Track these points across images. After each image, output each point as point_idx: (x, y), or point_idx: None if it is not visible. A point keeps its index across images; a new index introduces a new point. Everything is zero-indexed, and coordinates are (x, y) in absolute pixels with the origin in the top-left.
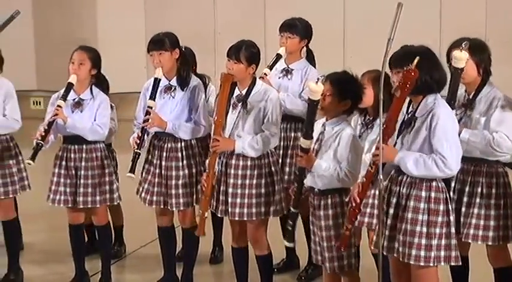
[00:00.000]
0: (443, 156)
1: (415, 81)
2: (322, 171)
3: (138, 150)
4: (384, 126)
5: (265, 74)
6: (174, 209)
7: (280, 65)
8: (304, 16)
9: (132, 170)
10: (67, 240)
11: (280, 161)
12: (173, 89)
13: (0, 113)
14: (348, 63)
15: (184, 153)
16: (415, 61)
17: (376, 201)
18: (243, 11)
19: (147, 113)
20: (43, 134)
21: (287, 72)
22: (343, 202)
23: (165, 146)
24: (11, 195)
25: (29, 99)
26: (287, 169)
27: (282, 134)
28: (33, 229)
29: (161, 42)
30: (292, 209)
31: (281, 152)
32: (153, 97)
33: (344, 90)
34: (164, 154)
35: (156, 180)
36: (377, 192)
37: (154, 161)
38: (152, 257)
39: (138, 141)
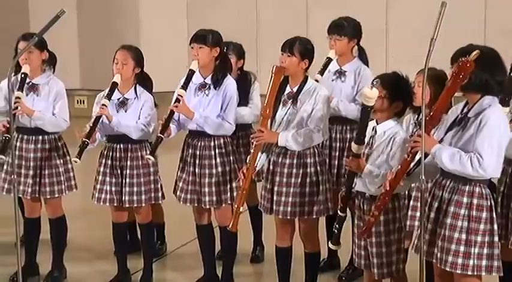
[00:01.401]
0: (481, 156)
1: (471, 75)
2: (373, 177)
3: (161, 135)
4: (430, 115)
5: (316, 80)
6: (207, 206)
7: (333, 66)
8: (346, 14)
9: (152, 153)
10: (110, 238)
11: (336, 163)
12: (207, 87)
13: (50, 112)
14: (390, 63)
15: (217, 151)
16: (474, 53)
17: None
18: (285, 10)
19: (177, 100)
20: (88, 132)
21: (340, 74)
22: (395, 208)
23: (199, 144)
24: (56, 195)
25: (73, 98)
26: (342, 171)
27: (338, 136)
28: (76, 227)
29: (204, 37)
30: (339, 212)
31: (337, 153)
32: (184, 87)
33: (396, 92)
34: (198, 152)
35: (190, 178)
36: (419, 194)
37: (188, 160)
38: (193, 255)
39: (161, 127)
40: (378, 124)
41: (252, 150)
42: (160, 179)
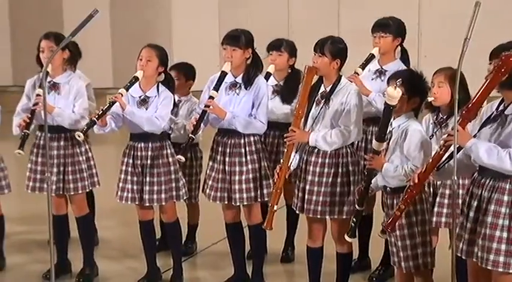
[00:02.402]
0: None
1: (511, 72)
2: (392, 174)
3: (193, 135)
4: (466, 109)
5: (356, 73)
6: (237, 203)
7: (374, 66)
8: (379, 15)
9: (184, 154)
10: (139, 236)
11: (362, 163)
12: (238, 86)
13: (70, 110)
14: (422, 63)
15: (247, 148)
16: None
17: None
18: (317, 9)
19: (209, 102)
20: (100, 114)
21: (380, 73)
22: (415, 200)
23: (229, 142)
24: (80, 191)
25: (105, 97)
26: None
27: (367, 136)
28: (108, 225)
29: (237, 38)
30: (357, 206)
31: (361, 153)
32: (216, 88)
33: (413, 89)
34: (228, 150)
35: (220, 176)
36: (446, 191)
37: (218, 157)
38: (223, 254)
39: (193, 127)
40: (394, 119)
41: (285, 150)
42: (182, 178)
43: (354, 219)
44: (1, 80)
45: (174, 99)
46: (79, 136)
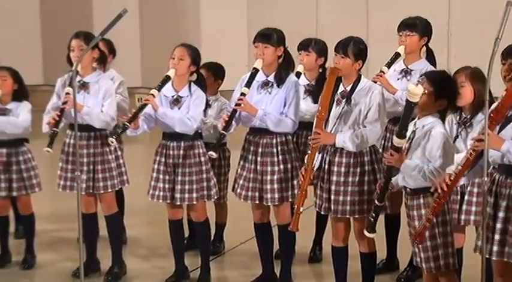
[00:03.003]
0: None
1: None
2: (411, 171)
3: (224, 132)
4: (495, 111)
5: (382, 72)
6: (269, 203)
7: (399, 65)
8: (408, 15)
9: (215, 150)
10: (168, 235)
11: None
12: (270, 85)
13: (99, 109)
14: (452, 63)
15: (279, 148)
16: None
17: (480, 199)
18: (345, 9)
19: (240, 98)
20: (132, 116)
21: (406, 72)
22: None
23: (261, 141)
24: (109, 190)
25: (133, 96)
26: None
27: (393, 136)
28: (137, 223)
29: (269, 36)
30: (376, 202)
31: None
32: (248, 85)
33: (442, 89)
34: (260, 150)
35: (252, 175)
36: (475, 190)
37: (250, 157)
38: (251, 254)
39: (225, 124)
40: (419, 119)
41: (308, 152)
42: (214, 178)
43: (374, 214)
44: (32, 79)
45: (207, 99)
46: (112, 142)
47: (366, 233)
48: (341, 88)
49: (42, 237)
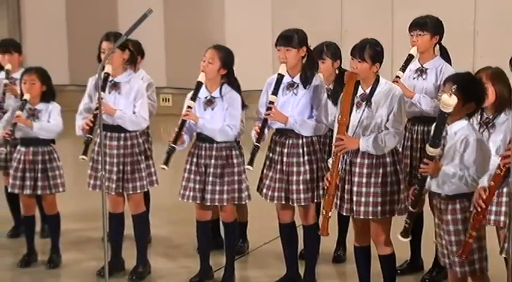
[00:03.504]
0: None
1: None
2: (450, 178)
3: (258, 144)
4: None
5: (398, 77)
6: (295, 204)
7: (414, 65)
8: (433, 14)
9: (251, 163)
10: (193, 234)
11: (408, 162)
12: (295, 86)
13: (130, 110)
14: (478, 63)
15: (305, 149)
16: None
17: (501, 200)
18: (370, 9)
19: (269, 108)
20: (175, 137)
21: (421, 72)
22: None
23: (287, 142)
24: (138, 191)
25: (159, 96)
26: (414, 171)
27: (419, 136)
28: (161, 223)
29: (290, 38)
30: (410, 208)
31: (417, 154)
32: (275, 92)
33: (469, 93)
34: (285, 150)
35: (278, 176)
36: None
37: (276, 157)
38: (275, 254)
39: (257, 136)
40: (448, 125)
41: (332, 157)
42: (246, 181)
43: (408, 220)
44: (58, 79)
45: (242, 100)
46: (164, 168)
47: (399, 237)
48: (360, 91)
49: (67, 236)
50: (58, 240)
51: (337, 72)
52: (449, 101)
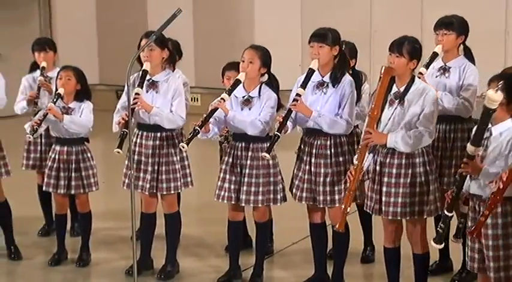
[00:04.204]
0: None
1: None
2: (491, 178)
3: (279, 133)
4: None
5: (420, 73)
6: (321, 205)
7: (438, 63)
8: (464, 14)
9: (268, 151)
10: (223, 234)
11: (439, 162)
12: (325, 85)
13: (168, 109)
14: (509, 63)
15: (333, 150)
16: None
17: None
18: (400, 9)
19: (295, 99)
20: (202, 121)
21: (444, 70)
22: (511, 211)
23: (315, 142)
24: (172, 192)
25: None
26: (446, 171)
27: (441, 135)
28: (190, 222)
29: (324, 35)
30: (446, 212)
31: (439, 153)
32: (303, 86)
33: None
34: (314, 151)
35: (306, 176)
36: None
37: (305, 158)
38: (303, 254)
39: (279, 124)
40: (492, 125)
41: (358, 151)
42: (282, 182)
43: (442, 225)
44: (89, 78)
45: (279, 100)
46: (183, 147)
47: (432, 244)
48: (394, 89)
49: (97, 235)
50: (88, 238)
51: (350, 71)
52: (495, 96)
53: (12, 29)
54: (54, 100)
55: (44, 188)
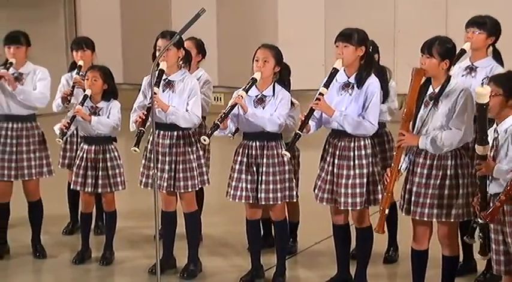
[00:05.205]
0: None
1: None
2: (505, 175)
3: (300, 132)
4: None
5: None
6: (342, 207)
7: (464, 62)
8: (490, 13)
9: (289, 150)
10: (244, 233)
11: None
12: (351, 86)
13: (184, 108)
14: None
15: (356, 153)
16: None
17: None
18: (424, 9)
19: (318, 99)
20: (222, 117)
21: (471, 69)
22: None
23: (339, 144)
24: (190, 190)
25: None
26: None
27: None
28: (212, 222)
29: (349, 35)
30: (480, 220)
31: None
32: (326, 85)
33: (511, 89)
34: (337, 152)
35: (328, 177)
36: None
37: (328, 159)
38: (326, 254)
39: (300, 124)
40: (497, 125)
41: (394, 153)
42: (294, 179)
43: (481, 234)
44: None
45: (291, 98)
46: (205, 140)
47: (478, 256)
48: (430, 90)
49: (120, 233)
50: (113, 237)
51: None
52: (483, 90)
53: (37, 28)
54: (82, 101)
55: (71, 187)
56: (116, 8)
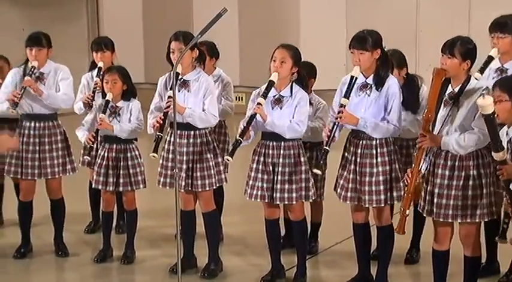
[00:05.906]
0: None
1: None
2: None
3: (327, 148)
4: None
5: (475, 78)
6: (367, 205)
7: (494, 64)
8: None
9: (318, 168)
10: (265, 233)
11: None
12: (369, 87)
13: (200, 108)
14: None
15: (378, 150)
16: None
17: None
18: (447, 10)
19: (340, 111)
20: (242, 130)
21: (502, 71)
22: None
23: (361, 142)
24: (207, 188)
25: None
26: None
27: None
28: (233, 221)
29: (364, 41)
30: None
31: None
32: (347, 95)
33: None
34: (359, 151)
35: (351, 176)
36: None
37: (350, 157)
38: (347, 254)
39: (327, 139)
40: (508, 127)
41: (415, 154)
42: (312, 179)
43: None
44: (134, 77)
45: (310, 99)
46: (228, 160)
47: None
48: (449, 89)
49: (141, 233)
50: (134, 236)
51: (404, 76)
52: (485, 101)
53: (60, 28)
54: (104, 108)
55: (93, 185)
56: (138, 8)
